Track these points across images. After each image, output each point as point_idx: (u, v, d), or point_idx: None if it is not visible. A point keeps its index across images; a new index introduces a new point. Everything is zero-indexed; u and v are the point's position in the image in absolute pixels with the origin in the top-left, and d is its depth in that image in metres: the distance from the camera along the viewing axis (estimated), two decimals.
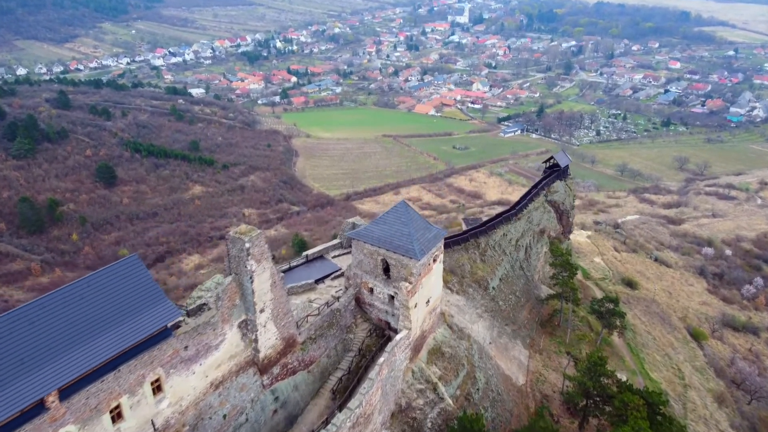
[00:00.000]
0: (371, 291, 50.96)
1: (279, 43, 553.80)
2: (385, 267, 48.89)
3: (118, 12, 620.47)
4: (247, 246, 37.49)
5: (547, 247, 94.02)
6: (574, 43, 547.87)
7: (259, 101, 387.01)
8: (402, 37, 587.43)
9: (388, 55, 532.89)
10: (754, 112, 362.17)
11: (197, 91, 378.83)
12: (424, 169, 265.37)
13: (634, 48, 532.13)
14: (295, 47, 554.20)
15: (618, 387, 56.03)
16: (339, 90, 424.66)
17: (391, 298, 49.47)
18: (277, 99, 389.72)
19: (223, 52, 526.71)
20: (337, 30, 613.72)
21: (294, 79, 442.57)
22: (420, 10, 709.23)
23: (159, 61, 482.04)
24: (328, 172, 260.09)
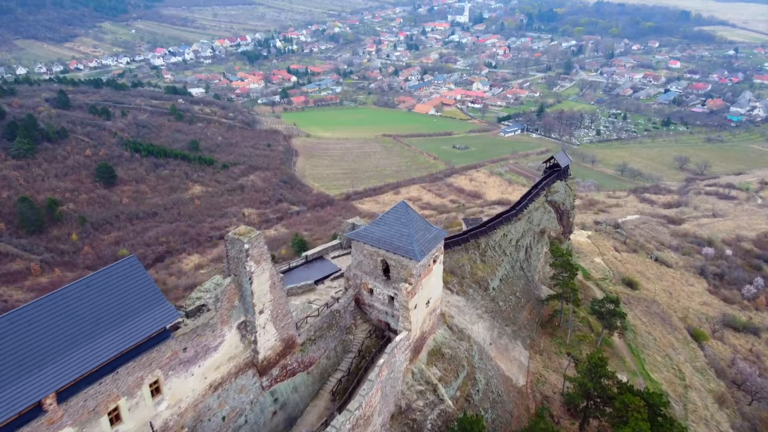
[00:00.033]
0: (371, 292, 50.78)
1: (279, 43, 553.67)
2: (385, 268, 48.70)
3: (117, 11, 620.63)
4: (246, 247, 37.30)
5: (548, 248, 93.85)
6: (574, 42, 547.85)
7: (259, 101, 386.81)
8: (402, 37, 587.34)
9: (388, 55, 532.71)
10: (755, 111, 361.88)
11: (197, 91, 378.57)
12: (424, 168, 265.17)
13: (635, 47, 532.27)
14: (295, 47, 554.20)
15: (619, 388, 55.89)
16: (339, 89, 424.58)
17: (391, 299, 49.29)
18: (277, 98, 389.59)
19: (222, 51, 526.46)
20: (337, 29, 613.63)
21: (294, 78, 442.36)
22: (420, 10, 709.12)
23: (159, 61, 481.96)
24: (328, 171, 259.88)
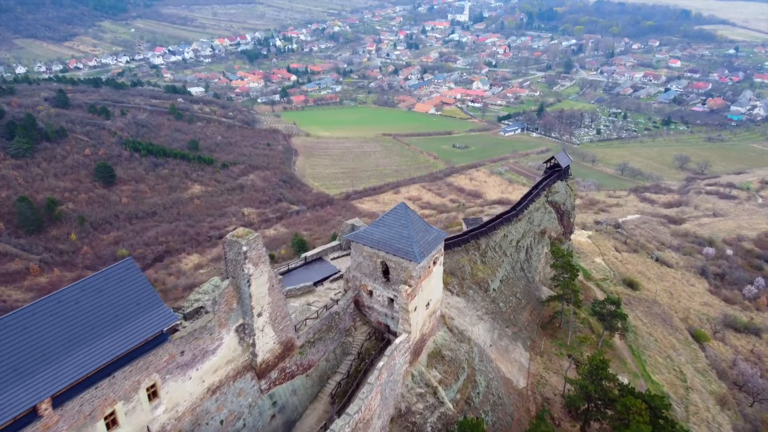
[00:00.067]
0: (370, 294, 50.42)
1: (279, 42, 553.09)
2: (385, 270, 48.33)
3: (117, 10, 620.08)
4: (244, 249, 36.95)
5: (548, 248, 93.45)
6: (574, 41, 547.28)
7: (258, 100, 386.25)
8: (402, 36, 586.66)
9: (388, 54, 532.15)
10: (755, 110, 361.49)
11: (197, 90, 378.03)
12: (424, 168, 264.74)
13: (635, 46, 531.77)
14: (294, 46, 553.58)
15: (620, 390, 55.66)
16: (339, 89, 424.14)
17: (391, 301, 48.93)
18: (276, 98, 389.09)
19: (222, 50, 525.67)
20: (336, 28, 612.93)
21: (294, 77, 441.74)
22: (420, 9, 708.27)
23: (158, 60, 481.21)
24: (328, 171, 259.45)
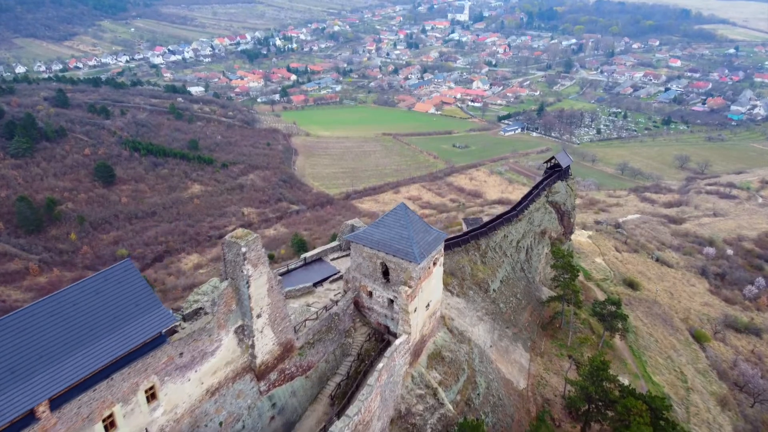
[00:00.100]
0: (370, 295, 50.22)
1: (279, 41, 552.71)
2: (385, 270, 48.13)
3: (117, 10, 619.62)
4: (243, 250, 36.76)
5: (549, 249, 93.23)
6: (574, 41, 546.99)
7: (258, 99, 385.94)
8: (402, 35, 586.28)
9: (387, 53, 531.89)
10: (755, 110, 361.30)
11: (196, 90, 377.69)
12: (424, 167, 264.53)
13: (635, 46, 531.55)
14: (294, 45, 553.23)
15: (620, 391, 55.50)
16: (339, 88, 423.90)
17: (391, 302, 48.73)
18: (276, 97, 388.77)
19: (222, 50, 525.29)
20: (336, 28, 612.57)
21: (294, 77, 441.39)
22: (420, 8, 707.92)
23: (158, 59, 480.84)
24: (328, 170, 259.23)
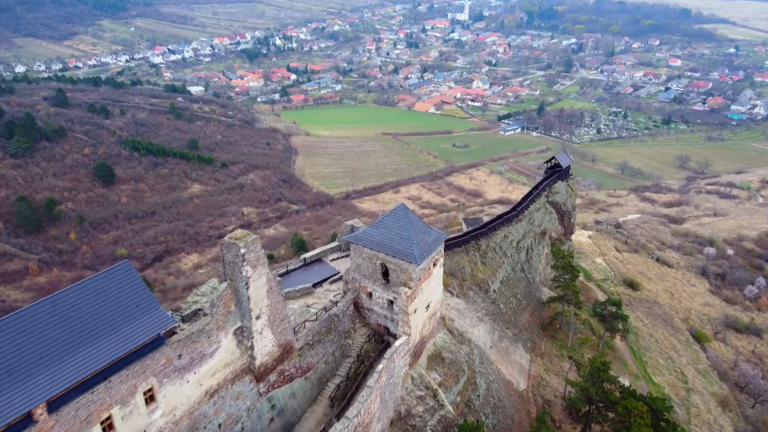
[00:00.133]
0: (370, 296, 50.03)
1: (278, 41, 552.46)
2: (384, 271, 47.94)
3: (117, 9, 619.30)
4: (242, 251, 36.57)
5: (549, 249, 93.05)
6: (574, 40, 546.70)
7: (258, 99, 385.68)
8: (402, 35, 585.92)
9: (387, 53, 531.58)
10: (755, 110, 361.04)
11: (196, 89, 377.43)
12: (424, 167, 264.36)
13: (635, 45, 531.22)
14: (294, 45, 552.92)
15: (621, 393, 55.29)
16: (338, 88, 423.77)
17: (390, 303, 48.54)
18: (276, 97, 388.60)
19: (222, 49, 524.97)
20: (336, 27, 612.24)
21: (293, 76, 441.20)
22: (420, 8, 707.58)
23: (158, 59, 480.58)
24: (328, 170, 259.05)
